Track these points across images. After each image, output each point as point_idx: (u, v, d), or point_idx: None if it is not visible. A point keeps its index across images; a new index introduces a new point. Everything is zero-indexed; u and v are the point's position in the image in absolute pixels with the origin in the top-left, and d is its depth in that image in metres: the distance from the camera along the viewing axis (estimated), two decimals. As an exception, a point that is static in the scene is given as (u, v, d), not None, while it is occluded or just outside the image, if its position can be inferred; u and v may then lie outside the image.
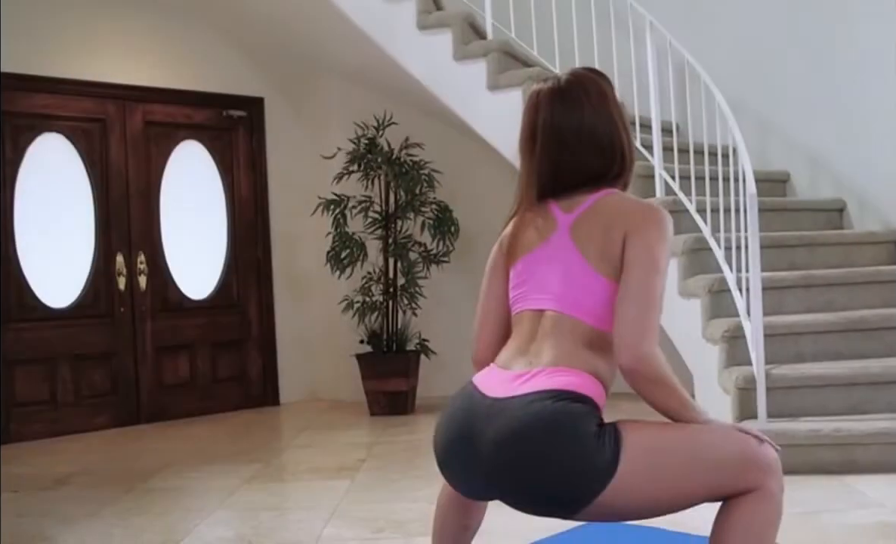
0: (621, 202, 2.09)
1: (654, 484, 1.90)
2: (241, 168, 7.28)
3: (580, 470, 1.86)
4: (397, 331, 6.61)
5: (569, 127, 2.12)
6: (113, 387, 6.55)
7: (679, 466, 1.91)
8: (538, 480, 1.89)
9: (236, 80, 7.22)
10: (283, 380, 7.38)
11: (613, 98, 2.18)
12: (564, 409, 1.89)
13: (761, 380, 4.18)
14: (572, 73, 2.20)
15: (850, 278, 4.93)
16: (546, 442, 1.88)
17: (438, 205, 6.62)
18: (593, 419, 1.91)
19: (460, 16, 5.79)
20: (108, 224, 6.58)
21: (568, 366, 1.98)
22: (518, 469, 1.91)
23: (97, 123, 6.59)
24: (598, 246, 2.03)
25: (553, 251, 2.09)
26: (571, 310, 2.02)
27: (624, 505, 1.91)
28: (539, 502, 1.95)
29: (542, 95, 2.17)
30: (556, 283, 2.06)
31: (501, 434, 1.92)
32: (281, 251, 7.40)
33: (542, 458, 1.88)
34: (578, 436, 1.87)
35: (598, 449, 1.86)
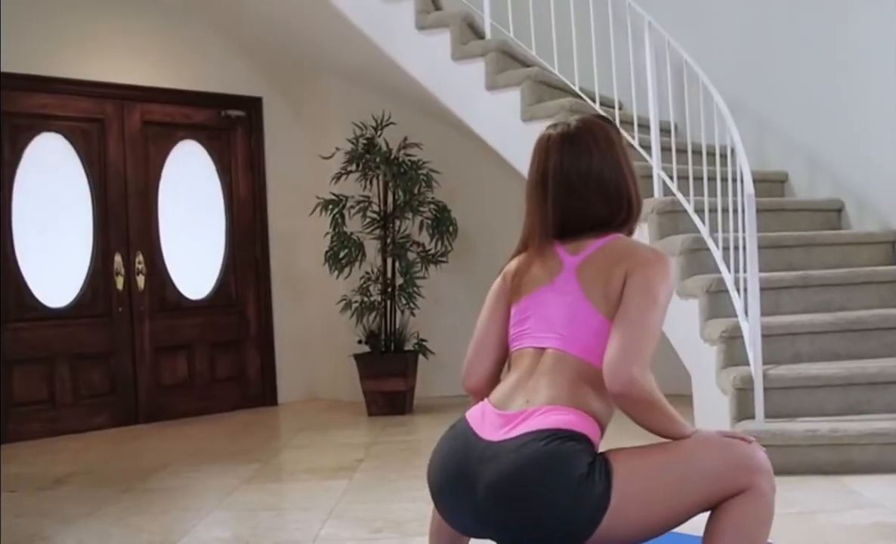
0: (626, 246, 2.15)
1: (649, 506, 1.94)
2: (239, 168, 7.28)
3: (573, 507, 1.90)
4: (395, 331, 6.61)
5: (577, 172, 2.17)
6: (111, 387, 6.55)
7: (671, 485, 1.95)
8: (533, 521, 1.93)
9: (235, 80, 7.22)
10: (282, 380, 7.38)
11: (620, 145, 2.24)
12: (556, 450, 1.92)
13: (759, 380, 4.18)
14: (581, 119, 2.26)
15: (848, 278, 4.93)
16: (539, 483, 1.91)
17: (437, 205, 6.62)
18: (585, 456, 1.94)
19: (459, 16, 5.79)
20: (107, 224, 6.58)
21: (564, 404, 2.00)
22: (513, 510, 1.94)
23: (95, 123, 6.59)
24: (602, 288, 2.07)
25: (558, 291, 2.13)
26: (574, 349, 2.06)
27: (623, 531, 1.94)
28: (537, 541, 1.97)
29: (552, 141, 2.21)
30: (560, 323, 2.09)
31: (495, 478, 1.95)
32: (279, 251, 7.40)
33: (535, 499, 1.91)
34: (570, 476, 1.90)
35: (590, 485, 1.90)
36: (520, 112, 5.54)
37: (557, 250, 2.17)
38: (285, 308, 7.41)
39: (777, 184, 5.94)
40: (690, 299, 4.72)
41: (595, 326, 2.05)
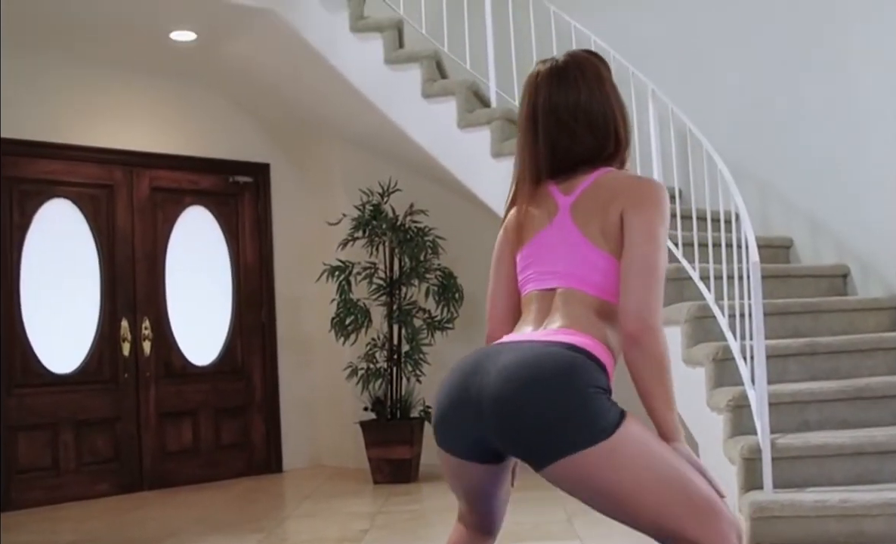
0: (617, 180, 2.13)
1: (628, 473, 1.88)
2: (246, 233, 7.31)
3: (579, 417, 1.87)
4: (401, 397, 6.58)
5: (566, 106, 2.18)
6: (115, 454, 6.52)
7: (656, 472, 1.90)
8: (537, 413, 1.87)
9: (243, 146, 7.28)
10: (287, 447, 7.34)
11: (610, 80, 2.25)
12: (582, 362, 1.93)
13: (766, 450, 4.14)
14: (570, 54, 2.26)
15: (855, 345, 4.90)
16: (556, 381, 1.89)
17: (443, 272, 6.63)
18: (605, 381, 1.96)
19: (464, 84, 5.84)
20: (114, 289, 6.60)
21: (581, 330, 2.03)
22: (522, 395, 1.89)
23: (104, 189, 6.64)
24: (599, 224, 2.08)
25: (556, 233, 2.14)
26: (579, 285, 2.08)
27: (590, 479, 1.88)
28: (525, 436, 1.90)
29: (540, 77, 2.23)
30: (563, 263, 2.11)
31: (513, 360, 1.94)
32: (286, 316, 7.40)
33: (548, 392, 1.88)
34: (589, 388, 1.89)
35: (603, 409, 1.89)
36: (520, 92, 5.55)
37: (551, 190, 2.19)
38: (291, 374, 7.39)
39: (782, 249, 5.93)
40: (697, 367, 4.69)
41: (598, 263, 2.07)
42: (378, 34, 5.97)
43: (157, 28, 6.05)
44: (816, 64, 5.79)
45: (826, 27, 5.76)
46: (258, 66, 6.62)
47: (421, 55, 5.91)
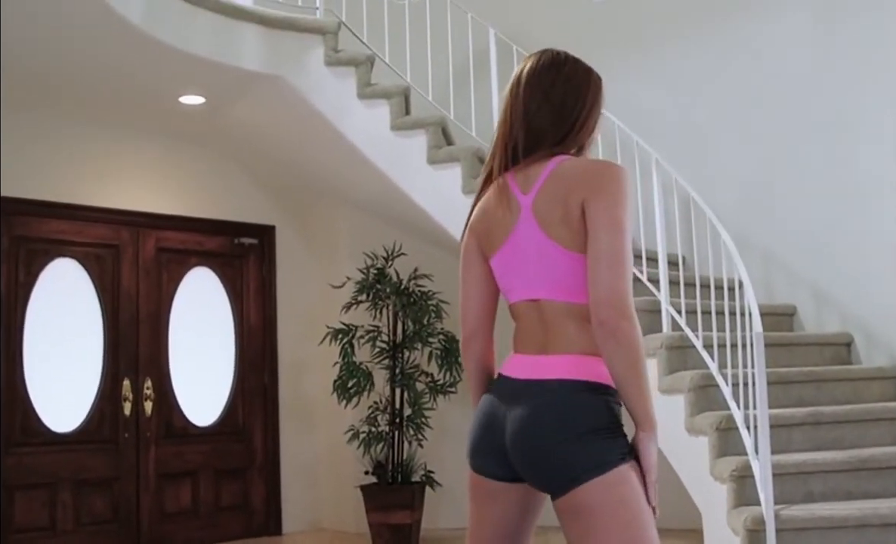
0: (574, 168, 2.11)
1: (609, 509, 1.96)
2: (250, 295, 7.33)
3: (577, 461, 1.97)
4: (403, 461, 6.55)
5: (528, 81, 2.19)
6: (114, 514, 6.47)
7: (630, 525, 1.96)
8: (543, 459, 2.01)
9: (248, 209, 7.33)
10: (287, 510, 7.29)
11: (594, 84, 2.22)
12: (581, 408, 2.01)
13: (770, 521, 4.11)
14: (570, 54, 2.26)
15: (859, 415, 4.89)
16: (558, 433, 1.99)
17: (446, 336, 6.63)
18: (608, 413, 2.01)
19: (470, 150, 5.89)
20: (117, 348, 6.60)
21: (580, 352, 2.07)
22: (531, 444, 2.02)
23: (110, 249, 6.67)
24: (560, 219, 2.07)
25: (523, 237, 2.13)
26: (560, 295, 2.10)
27: (584, 510, 1.97)
28: (538, 475, 2.04)
29: (533, 55, 2.25)
30: (535, 269, 2.13)
31: (522, 416, 2.05)
32: (288, 379, 7.39)
33: (551, 444, 1.99)
34: (587, 434, 1.98)
35: (599, 449, 1.97)
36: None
37: (511, 188, 2.16)
38: (292, 436, 7.36)
39: (785, 317, 5.93)
40: (700, 436, 4.67)
41: (567, 263, 2.08)
42: (385, 101, 6.04)
43: (167, 91, 6.12)
44: (819, 135, 5.84)
45: (828, 99, 5.82)
46: (265, 129, 6.69)
47: (427, 122, 5.97)
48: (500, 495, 2.16)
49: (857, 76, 5.67)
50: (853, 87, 5.68)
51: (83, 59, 5.65)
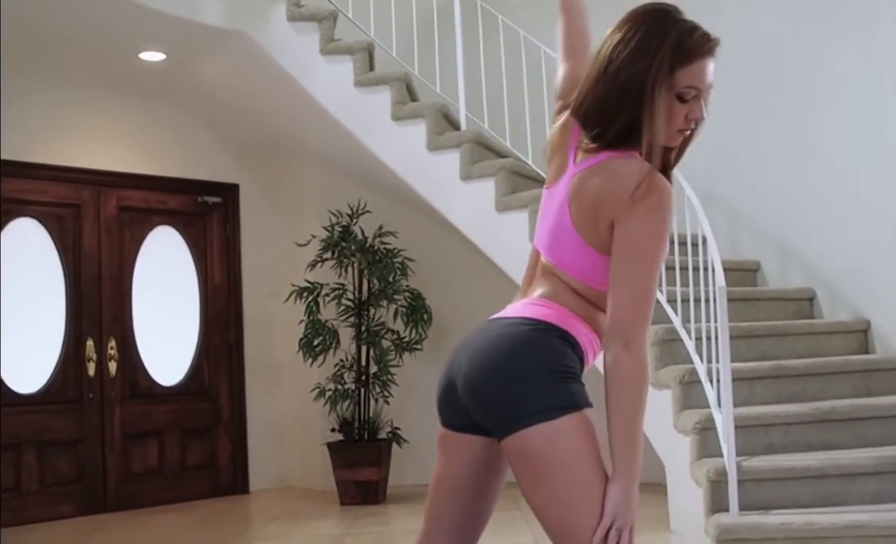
0: (618, 176, 1.92)
1: (553, 462, 1.88)
2: (214, 254, 7.28)
3: (523, 399, 1.89)
4: (369, 419, 6.56)
5: (603, 52, 1.99)
6: (79, 475, 6.44)
7: (575, 476, 1.89)
8: (490, 396, 1.94)
9: (211, 167, 7.26)
10: (254, 468, 7.29)
11: (659, 44, 1.94)
12: (537, 343, 1.93)
13: (732, 473, 4.16)
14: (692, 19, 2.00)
15: (821, 368, 4.95)
16: (506, 366, 1.92)
17: (411, 294, 6.63)
18: (565, 359, 1.93)
19: (434, 107, 5.86)
20: (80, 309, 6.54)
21: (558, 302, 2.01)
22: (480, 379, 1.95)
23: (71, 208, 6.59)
24: (587, 215, 1.96)
25: (553, 199, 2.06)
26: (560, 265, 2.02)
27: (524, 458, 1.91)
28: (485, 412, 1.97)
29: None
30: (547, 234, 2.06)
31: (479, 347, 1.98)
32: (253, 337, 7.37)
33: (499, 377, 1.92)
34: (539, 372, 1.90)
35: (549, 392, 1.89)
36: (494, 202, 5.59)
37: (572, 142, 2.04)
38: (258, 395, 7.35)
39: (749, 273, 5.98)
40: (664, 390, 4.72)
41: (578, 249, 1.98)
42: (348, 57, 5.98)
43: (126, 47, 6.03)
44: (787, 95, 5.86)
45: (797, 60, 5.84)
46: (228, 86, 6.61)
47: (391, 78, 5.93)
48: (460, 447, 2.10)
49: (826, 38, 5.69)
50: (823, 49, 5.70)
51: (39, 15, 5.54)
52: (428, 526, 2.20)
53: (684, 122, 1.99)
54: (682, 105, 1.96)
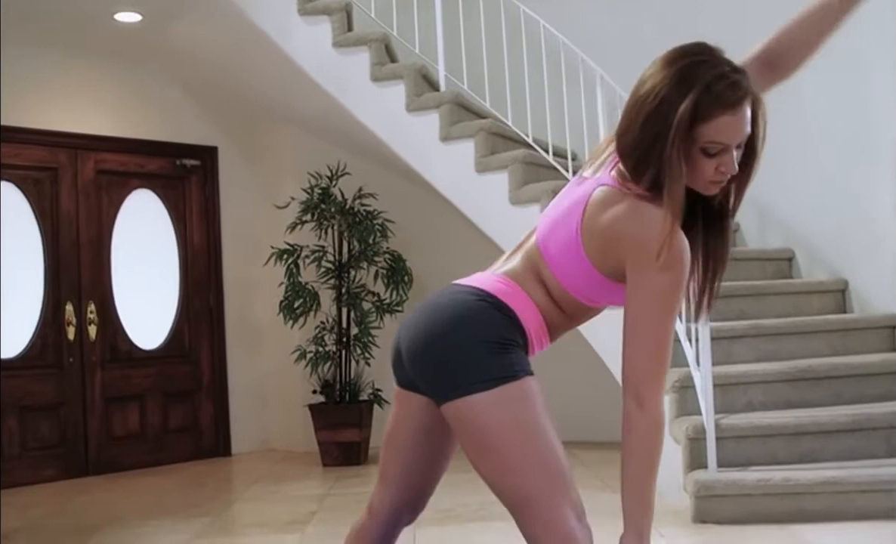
0: (642, 223, 1.85)
1: (491, 432, 1.88)
2: (193, 217, 7.25)
3: (459, 368, 1.89)
4: (350, 381, 6.58)
5: (641, 95, 1.90)
6: (61, 439, 6.43)
7: (519, 443, 1.88)
8: (427, 362, 1.95)
9: (190, 129, 7.21)
10: (235, 431, 7.30)
11: (653, 94, 1.86)
12: (479, 313, 1.92)
13: (711, 430, 4.20)
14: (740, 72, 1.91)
15: (799, 327, 4.99)
16: (444, 333, 1.92)
17: (392, 255, 6.62)
18: (506, 333, 1.91)
19: (413, 68, 5.82)
20: (58, 273, 6.50)
21: (512, 279, 1.99)
22: (418, 344, 1.97)
23: (48, 172, 6.53)
24: (599, 234, 1.90)
25: (574, 193, 1.99)
26: (546, 255, 1.98)
27: (463, 427, 1.92)
28: (423, 378, 1.98)
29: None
30: (549, 223, 2.00)
31: (422, 310, 2.01)
32: (234, 300, 7.35)
33: (436, 342, 1.93)
34: (476, 341, 1.90)
35: (485, 363, 1.88)
36: (474, 163, 5.58)
37: (615, 159, 1.97)
38: (239, 358, 7.35)
39: (729, 233, 5.99)
40: (643, 349, 4.73)
41: (574, 250, 1.93)
42: (326, 17, 5.93)
43: (101, 8, 5.96)
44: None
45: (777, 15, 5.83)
46: (205, 48, 6.55)
47: (370, 38, 5.88)
48: (410, 405, 2.11)
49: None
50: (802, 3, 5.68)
51: (13, -25, 5.48)
52: (381, 479, 2.23)
53: (715, 173, 1.88)
54: (710, 158, 1.86)
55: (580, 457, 5.60)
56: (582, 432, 6.31)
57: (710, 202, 2.00)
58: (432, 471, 2.22)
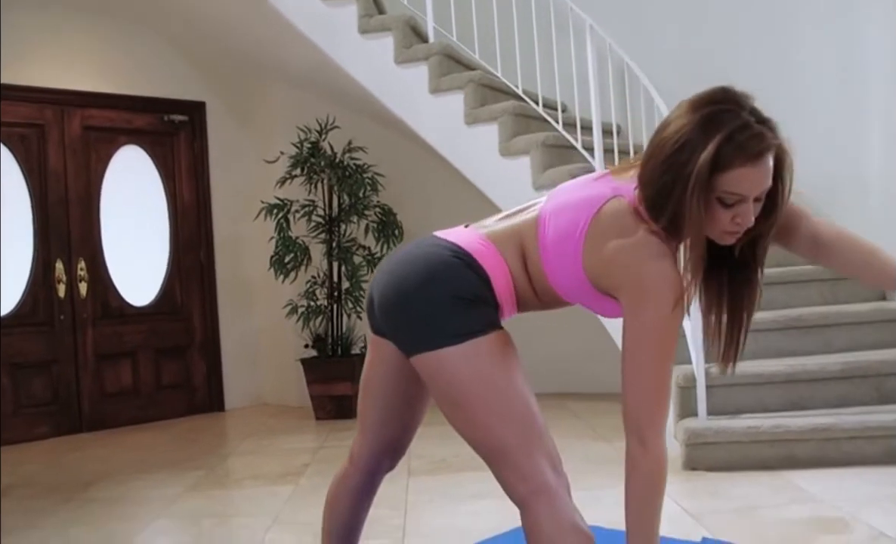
0: (643, 259, 1.82)
1: (461, 386, 1.88)
2: (182, 173, 7.21)
3: (427, 321, 1.89)
4: (342, 334, 6.59)
5: (665, 137, 1.87)
6: (54, 396, 6.45)
7: (486, 396, 1.88)
8: (397, 314, 1.95)
9: (177, 85, 7.15)
10: (228, 386, 7.32)
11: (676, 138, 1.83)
12: (450, 268, 1.91)
13: (701, 378, 4.23)
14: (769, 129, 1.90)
15: (790, 277, 5.00)
16: (415, 286, 1.92)
17: (382, 209, 6.61)
18: (475, 289, 1.91)
19: (402, 20, 5.78)
20: (47, 231, 6.48)
21: (490, 241, 1.98)
22: (389, 296, 1.96)
23: (35, 129, 6.49)
24: (599, 257, 1.87)
25: (595, 186, 1.96)
26: (540, 232, 1.95)
27: (432, 381, 1.92)
28: (392, 329, 1.98)
29: None
30: (559, 204, 1.96)
31: (396, 261, 2.01)
32: (225, 256, 7.34)
33: (407, 295, 1.92)
34: (446, 296, 1.89)
35: (453, 317, 1.88)
36: (463, 115, 5.55)
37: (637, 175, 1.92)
38: (231, 313, 7.35)
39: (719, 184, 5.99)
40: (634, 299, 4.74)
41: (570, 247, 1.90)
42: (313, -32, 5.87)
43: (86, -39, 5.89)
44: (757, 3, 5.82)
45: None
46: (192, 2, 6.48)
47: (357, -11, 5.83)
48: (384, 351, 2.12)
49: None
50: None
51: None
52: (360, 426, 2.27)
53: (731, 224, 1.84)
54: (726, 208, 1.82)
55: (572, 409, 5.63)
56: (574, 384, 6.34)
57: (733, 250, 1.96)
58: (410, 417, 2.23)
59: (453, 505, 3.83)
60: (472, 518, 3.56)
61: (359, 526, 2.37)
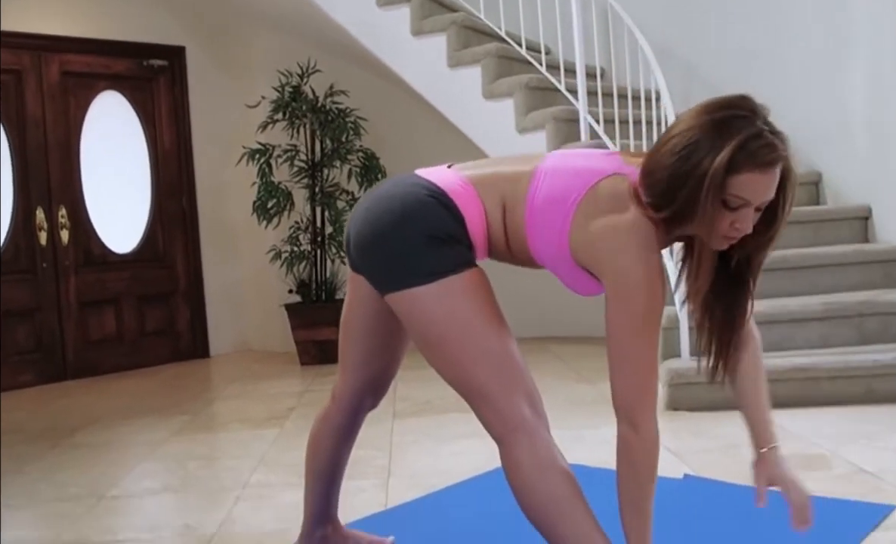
0: (627, 246, 1.83)
1: (435, 324, 1.90)
2: (163, 119, 7.15)
3: (401, 260, 1.91)
4: (326, 280, 6.59)
5: (675, 133, 1.85)
6: (37, 344, 6.43)
7: (460, 334, 1.89)
8: (370, 252, 1.96)
9: (156, 29, 7.06)
10: (213, 333, 7.32)
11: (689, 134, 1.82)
12: (425, 206, 1.92)
13: (683, 319, 4.25)
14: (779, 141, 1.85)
15: (771, 218, 5.01)
16: (389, 224, 1.93)
17: (365, 153, 6.58)
18: (449, 228, 1.91)
19: (383, -40, 5.72)
20: (27, 178, 6.42)
21: (472, 184, 1.98)
22: (362, 234, 1.98)
23: (12, 75, 6.40)
24: (586, 234, 1.87)
25: (597, 160, 1.95)
26: (530, 190, 1.94)
27: (407, 319, 1.94)
28: (365, 267, 2.00)
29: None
30: (553, 168, 1.95)
31: (371, 199, 2.02)
32: (207, 202, 7.30)
33: (380, 234, 1.93)
34: (420, 235, 1.90)
35: (425, 256, 1.89)
36: (446, 57, 5.52)
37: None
38: (215, 259, 7.33)
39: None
40: (617, 242, 4.75)
41: (556, 209, 1.90)
42: None
43: None
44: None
45: None
46: (170, -58, 6.40)
47: (338, -70, 5.75)
48: (361, 288, 2.14)
49: None
50: None
51: None
52: (341, 365, 2.29)
53: (730, 229, 1.83)
54: (729, 212, 1.81)
55: (556, 352, 5.66)
56: (556, 328, 6.37)
57: (729, 264, 1.97)
58: (390, 355, 2.24)
59: (438, 445, 3.86)
60: (457, 458, 3.59)
61: (342, 465, 2.38)
